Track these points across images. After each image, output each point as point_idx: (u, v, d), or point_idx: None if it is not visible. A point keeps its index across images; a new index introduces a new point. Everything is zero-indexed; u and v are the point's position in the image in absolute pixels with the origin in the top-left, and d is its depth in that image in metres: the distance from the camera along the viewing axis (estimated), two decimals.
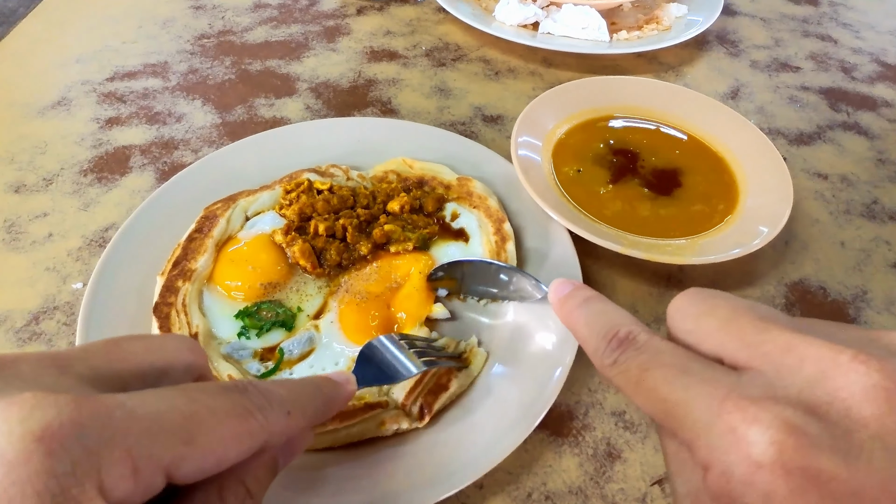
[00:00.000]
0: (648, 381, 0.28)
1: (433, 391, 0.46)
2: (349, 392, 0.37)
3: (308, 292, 0.54)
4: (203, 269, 0.53)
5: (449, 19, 0.95)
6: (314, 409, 0.33)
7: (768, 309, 0.28)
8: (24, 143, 0.71)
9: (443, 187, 0.61)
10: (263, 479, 0.31)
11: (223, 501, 0.29)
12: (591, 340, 0.32)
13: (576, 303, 0.34)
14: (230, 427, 0.27)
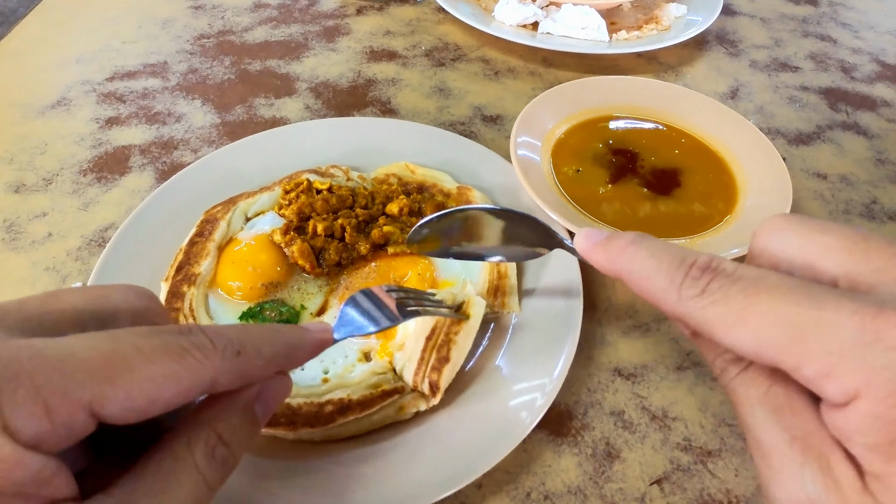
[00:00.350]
0: (761, 305, 0.23)
1: (436, 367, 0.46)
2: (317, 338, 0.35)
3: (309, 291, 0.54)
4: (206, 272, 0.53)
5: (448, 19, 0.95)
6: (273, 351, 0.31)
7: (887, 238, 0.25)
8: (23, 143, 0.71)
9: (442, 195, 0.62)
10: (239, 427, 0.30)
11: (191, 447, 0.28)
12: (662, 273, 0.27)
13: (625, 241, 0.30)
14: (161, 365, 0.26)
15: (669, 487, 0.45)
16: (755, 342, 0.23)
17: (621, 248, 0.30)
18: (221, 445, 0.29)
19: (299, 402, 0.45)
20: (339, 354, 0.50)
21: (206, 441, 0.28)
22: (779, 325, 0.23)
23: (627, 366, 0.52)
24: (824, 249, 0.25)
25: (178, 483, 0.27)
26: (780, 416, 0.24)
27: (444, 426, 0.46)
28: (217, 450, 0.29)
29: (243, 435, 0.30)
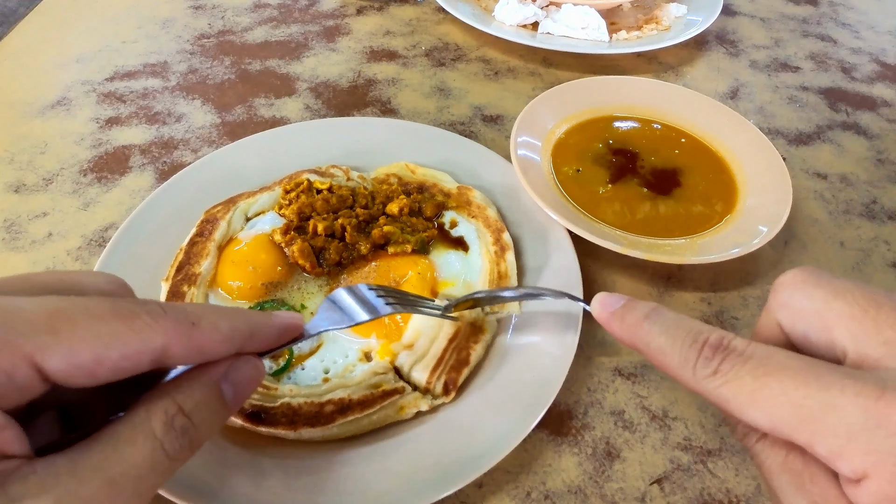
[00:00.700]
0: (771, 387, 0.25)
1: (455, 367, 0.48)
2: (284, 323, 0.35)
3: (309, 290, 0.54)
4: (207, 272, 0.53)
5: (449, 19, 0.95)
6: (231, 327, 0.31)
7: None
8: (24, 143, 0.71)
9: (443, 195, 0.62)
10: (203, 403, 0.30)
11: (149, 415, 0.28)
12: (675, 352, 0.28)
13: (641, 314, 0.31)
14: (108, 324, 0.26)
15: (670, 487, 0.45)
16: (769, 421, 0.25)
17: (637, 323, 0.31)
18: (181, 416, 0.29)
19: (300, 402, 0.45)
20: (339, 354, 0.50)
21: (165, 410, 0.29)
22: (789, 406, 0.24)
23: (627, 365, 0.53)
24: (838, 317, 0.26)
25: (133, 446, 0.27)
26: (800, 483, 0.25)
27: (445, 426, 0.46)
28: (176, 419, 0.29)
29: (208, 411, 0.31)
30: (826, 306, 0.27)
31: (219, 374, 0.31)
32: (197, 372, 0.31)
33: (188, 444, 0.29)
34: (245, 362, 0.33)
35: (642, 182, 0.65)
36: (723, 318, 0.56)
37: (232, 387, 0.32)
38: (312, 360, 0.50)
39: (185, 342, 0.29)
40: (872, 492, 0.22)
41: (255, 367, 0.34)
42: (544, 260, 0.56)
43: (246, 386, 0.33)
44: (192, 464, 0.42)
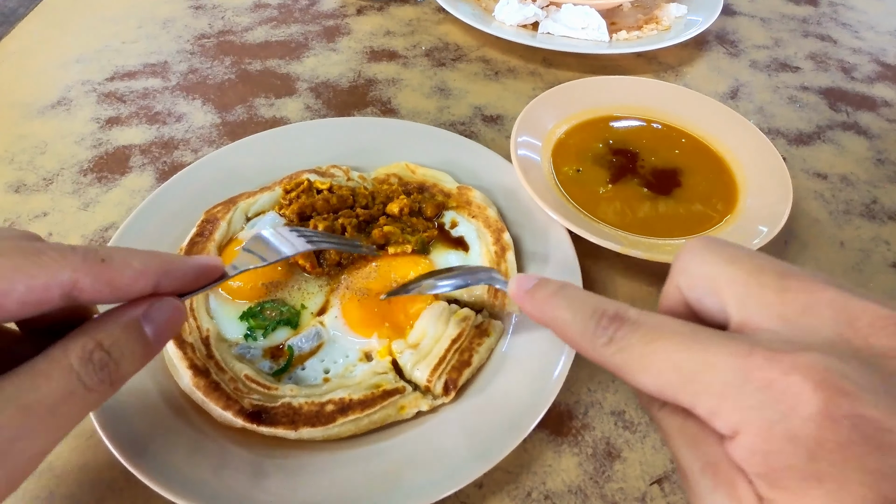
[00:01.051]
0: (657, 352, 0.26)
1: (456, 367, 0.48)
2: (201, 263, 0.36)
3: (310, 290, 0.54)
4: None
5: (449, 19, 0.95)
6: (143, 264, 0.32)
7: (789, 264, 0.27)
8: (24, 143, 0.71)
9: (443, 195, 0.62)
10: (122, 340, 0.32)
11: (66, 350, 0.29)
12: (577, 323, 0.30)
13: (549, 291, 0.33)
14: (10, 259, 0.28)
15: (670, 487, 0.45)
16: (657, 385, 0.26)
17: (545, 298, 0.33)
18: (100, 351, 0.30)
19: (300, 402, 0.45)
20: (339, 354, 0.50)
21: (83, 346, 0.30)
22: (672, 369, 0.25)
23: None
24: (728, 281, 0.27)
25: (48, 378, 0.28)
26: (693, 446, 0.26)
27: (445, 426, 0.46)
28: (95, 354, 0.30)
29: (127, 348, 0.32)
30: (717, 271, 0.28)
31: (138, 312, 0.33)
32: (116, 312, 0.33)
33: (107, 377, 0.31)
34: (164, 302, 0.34)
35: (642, 182, 0.65)
36: None
37: (152, 325, 0.33)
38: (313, 360, 0.50)
39: (95, 276, 0.30)
40: (744, 447, 0.23)
41: (175, 307, 0.35)
42: (545, 260, 0.56)
43: (166, 325, 0.34)
44: (192, 464, 0.42)
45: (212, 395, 0.45)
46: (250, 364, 0.49)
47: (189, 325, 0.49)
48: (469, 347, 0.49)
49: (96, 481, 0.44)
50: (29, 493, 0.43)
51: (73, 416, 0.30)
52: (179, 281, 0.35)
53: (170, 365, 0.48)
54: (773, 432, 0.22)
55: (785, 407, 0.22)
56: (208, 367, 0.47)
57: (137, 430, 0.43)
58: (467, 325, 0.50)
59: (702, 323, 0.28)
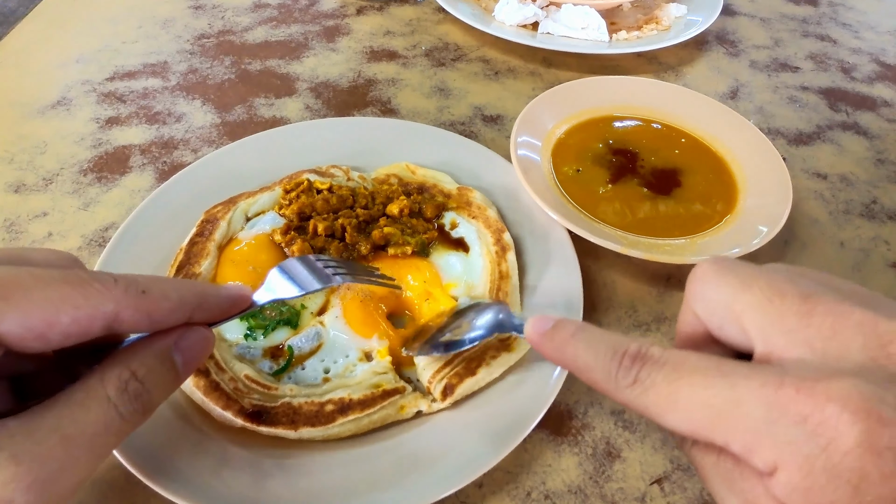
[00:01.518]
0: (684, 390, 0.25)
1: (459, 374, 0.46)
2: (232, 294, 0.37)
3: None
4: (207, 272, 0.53)
5: (449, 19, 0.95)
6: (180, 296, 0.33)
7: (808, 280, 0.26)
8: (24, 143, 0.71)
9: (443, 196, 0.62)
10: (155, 369, 0.32)
11: (103, 381, 0.30)
12: (599, 365, 0.29)
13: (567, 333, 0.32)
14: (59, 290, 0.28)
15: (670, 487, 0.45)
16: (687, 424, 0.25)
17: (564, 341, 0.32)
18: (135, 381, 0.31)
19: (300, 402, 0.45)
20: (339, 354, 0.50)
21: (118, 376, 0.31)
22: (701, 407, 0.25)
23: None
24: (745, 309, 0.26)
25: (87, 409, 0.29)
26: (730, 483, 0.26)
27: (445, 426, 0.46)
28: (130, 384, 0.31)
29: (159, 378, 0.33)
30: (734, 298, 0.27)
31: (170, 342, 0.33)
32: (148, 341, 0.33)
33: (141, 407, 0.31)
34: (194, 332, 0.34)
35: (642, 182, 0.65)
36: None
37: (182, 355, 0.34)
38: (313, 360, 0.50)
39: (137, 310, 0.31)
40: (784, 483, 0.22)
41: (205, 337, 0.35)
42: (545, 260, 0.56)
43: (195, 354, 0.35)
44: (193, 464, 0.42)
45: (212, 395, 0.45)
46: (250, 364, 0.49)
47: None
48: (481, 357, 0.47)
49: (97, 481, 0.44)
50: None
51: (109, 445, 0.30)
52: (212, 312, 0.36)
53: None
54: (813, 468, 0.22)
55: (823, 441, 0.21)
56: (208, 367, 0.47)
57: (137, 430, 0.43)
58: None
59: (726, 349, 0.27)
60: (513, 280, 0.54)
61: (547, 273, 0.55)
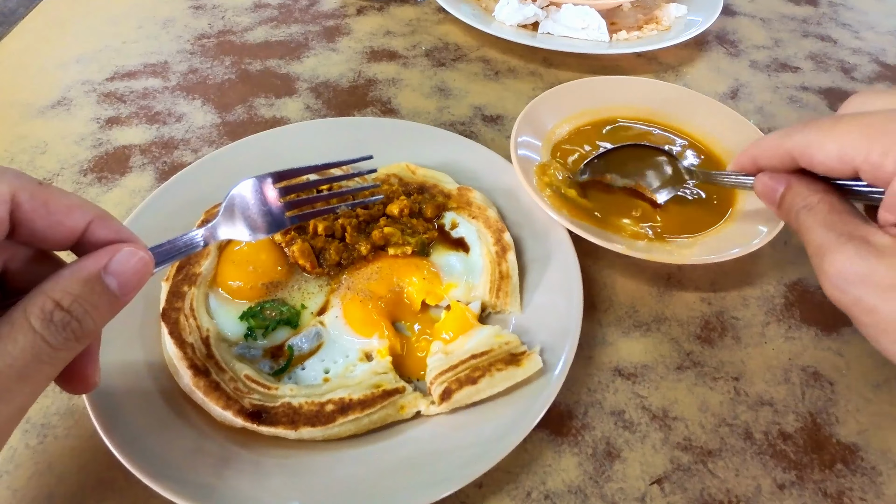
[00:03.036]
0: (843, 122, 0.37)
1: (460, 381, 0.46)
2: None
3: (310, 290, 0.54)
4: (207, 272, 0.53)
5: (449, 19, 0.95)
6: (80, 200, 0.34)
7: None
8: (24, 143, 0.71)
9: (443, 196, 0.62)
10: (83, 296, 0.32)
11: (26, 313, 0.30)
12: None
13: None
14: None
15: (670, 487, 0.45)
16: (839, 150, 0.37)
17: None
18: (59, 310, 0.31)
19: (300, 402, 0.46)
20: (339, 354, 0.50)
21: (41, 307, 0.31)
22: (857, 130, 0.36)
23: (627, 366, 0.53)
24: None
25: (13, 342, 0.30)
26: (833, 225, 0.37)
27: (445, 426, 0.46)
28: (55, 314, 0.31)
29: (89, 304, 0.32)
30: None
31: (97, 266, 0.33)
32: (75, 266, 0.33)
33: (72, 335, 0.32)
34: (127, 253, 0.34)
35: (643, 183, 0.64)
36: (723, 318, 0.57)
37: (116, 277, 0.33)
38: (313, 360, 0.50)
39: (34, 196, 0.32)
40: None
41: (138, 257, 0.34)
42: (545, 260, 0.56)
43: (132, 275, 0.34)
44: (192, 464, 0.42)
45: (212, 395, 0.45)
46: (250, 364, 0.49)
47: (189, 325, 0.49)
48: (486, 368, 0.47)
49: (96, 481, 0.44)
50: (29, 494, 0.43)
51: (43, 375, 0.31)
52: (113, 230, 0.35)
53: (170, 365, 0.48)
54: None
55: None
56: (208, 367, 0.47)
57: (138, 431, 0.43)
58: (498, 345, 0.49)
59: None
60: (513, 280, 0.54)
61: (547, 273, 0.55)
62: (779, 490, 0.45)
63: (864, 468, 0.46)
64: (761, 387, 0.51)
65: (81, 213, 0.34)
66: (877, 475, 0.46)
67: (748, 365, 0.53)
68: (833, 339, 0.55)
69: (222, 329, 0.51)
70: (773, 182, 0.43)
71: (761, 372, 0.52)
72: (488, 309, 0.54)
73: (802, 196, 0.40)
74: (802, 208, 0.39)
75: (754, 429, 0.49)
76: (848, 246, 0.35)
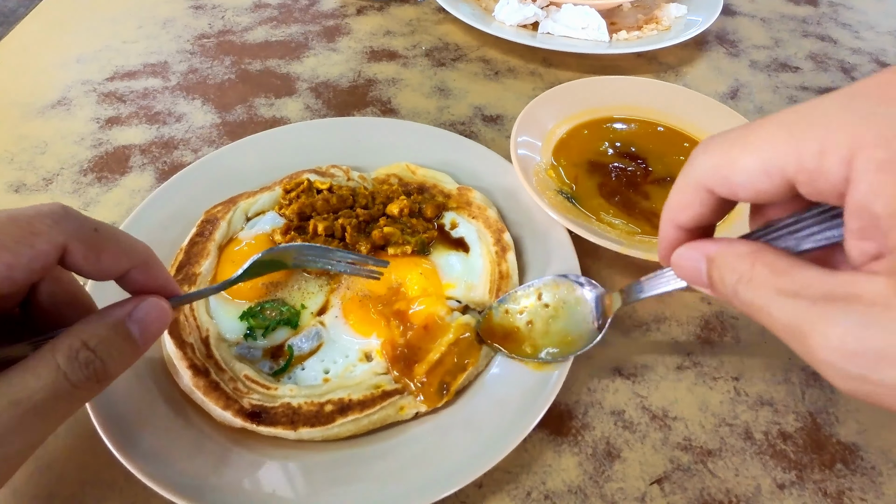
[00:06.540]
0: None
1: (451, 372, 0.47)
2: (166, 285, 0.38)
3: (310, 290, 0.54)
4: (207, 272, 0.53)
5: (449, 19, 0.95)
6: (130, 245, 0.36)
7: None
8: (24, 143, 0.71)
9: (443, 196, 0.62)
10: (108, 339, 0.34)
11: (54, 350, 0.32)
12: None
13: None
14: (10, 233, 0.30)
15: (670, 487, 0.45)
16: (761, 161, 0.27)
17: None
18: (86, 350, 0.32)
19: (300, 402, 0.45)
20: (339, 354, 0.50)
21: (69, 346, 0.32)
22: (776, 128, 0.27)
23: (627, 366, 0.53)
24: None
25: (37, 376, 0.31)
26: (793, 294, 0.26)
27: (445, 426, 0.46)
28: (81, 353, 0.32)
29: (113, 348, 0.34)
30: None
31: (124, 313, 0.35)
32: (102, 314, 0.35)
33: (93, 375, 0.33)
34: (149, 303, 0.36)
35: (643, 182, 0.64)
36: (723, 318, 0.56)
37: (138, 325, 0.35)
38: (312, 361, 0.50)
39: (86, 244, 0.33)
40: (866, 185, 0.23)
41: (161, 308, 0.36)
42: (545, 260, 0.56)
43: (152, 325, 0.36)
44: (192, 464, 0.42)
45: (211, 395, 0.45)
46: (250, 364, 0.49)
47: (189, 325, 0.49)
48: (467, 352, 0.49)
49: (96, 481, 0.44)
50: (29, 493, 0.43)
51: (60, 411, 0.32)
52: (155, 275, 0.37)
53: (170, 365, 0.48)
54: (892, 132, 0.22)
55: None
56: (208, 367, 0.47)
57: (137, 430, 0.43)
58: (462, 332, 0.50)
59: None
60: (513, 280, 0.54)
61: (547, 273, 0.55)
62: (779, 490, 0.45)
63: (864, 468, 0.46)
64: (761, 387, 0.51)
65: (127, 260, 0.36)
66: (877, 475, 0.46)
67: (748, 365, 0.53)
68: None
69: (222, 329, 0.51)
70: (691, 261, 0.33)
71: (761, 372, 0.52)
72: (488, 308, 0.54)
73: (730, 267, 0.30)
74: (738, 284, 0.29)
75: (754, 429, 0.49)
76: (837, 316, 0.24)
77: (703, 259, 0.32)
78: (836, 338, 0.24)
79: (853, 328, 0.24)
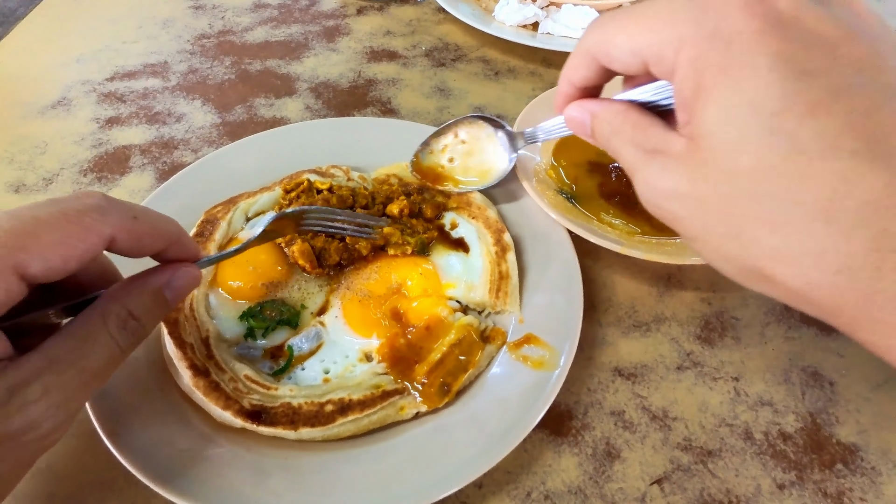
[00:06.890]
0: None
1: (452, 372, 0.47)
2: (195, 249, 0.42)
3: (310, 290, 0.54)
4: (207, 272, 0.53)
5: (449, 19, 0.95)
6: (165, 227, 0.39)
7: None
8: (24, 143, 0.71)
9: (443, 196, 0.62)
10: (150, 307, 0.38)
11: (105, 319, 0.36)
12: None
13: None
14: (64, 229, 0.33)
15: (670, 487, 0.45)
16: (629, 42, 0.34)
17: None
18: (132, 319, 0.37)
19: (300, 402, 0.46)
20: (339, 355, 0.50)
21: (117, 314, 0.36)
22: (643, 18, 0.33)
23: (627, 366, 0.53)
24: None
25: (95, 344, 0.35)
26: (637, 144, 0.35)
27: (445, 426, 0.46)
28: (129, 322, 0.37)
29: (153, 313, 0.39)
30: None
31: (163, 281, 0.39)
32: (143, 280, 0.39)
33: (136, 339, 0.38)
34: (185, 272, 0.41)
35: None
36: (723, 318, 0.56)
37: (172, 292, 0.40)
38: (312, 361, 0.50)
39: (129, 233, 0.36)
40: (683, 58, 0.31)
41: (193, 275, 0.41)
42: (545, 260, 0.56)
43: (184, 290, 0.41)
44: (192, 464, 0.42)
45: (211, 395, 0.45)
46: (250, 364, 0.49)
47: (189, 325, 0.49)
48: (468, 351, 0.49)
49: (96, 482, 0.44)
50: (29, 494, 0.43)
51: (111, 371, 0.37)
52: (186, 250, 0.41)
53: (170, 365, 0.48)
54: (701, 34, 0.29)
55: (715, 14, 0.29)
56: (208, 367, 0.47)
57: (138, 431, 0.44)
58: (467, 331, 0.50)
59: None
60: (513, 280, 0.54)
61: (547, 273, 0.55)
62: (779, 490, 0.45)
63: (864, 468, 0.46)
64: (761, 387, 0.51)
65: (162, 241, 0.39)
66: (877, 475, 0.46)
67: (748, 365, 0.53)
68: (833, 339, 0.55)
69: (222, 329, 0.51)
70: (579, 114, 0.41)
71: (761, 372, 0.52)
72: (488, 309, 0.54)
73: (607, 121, 0.38)
74: (611, 134, 0.38)
75: (754, 429, 0.49)
76: (652, 163, 0.33)
77: (588, 115, 0.40)
78: (646, 177, 0.34)
79: (658, 172, 0.33)
